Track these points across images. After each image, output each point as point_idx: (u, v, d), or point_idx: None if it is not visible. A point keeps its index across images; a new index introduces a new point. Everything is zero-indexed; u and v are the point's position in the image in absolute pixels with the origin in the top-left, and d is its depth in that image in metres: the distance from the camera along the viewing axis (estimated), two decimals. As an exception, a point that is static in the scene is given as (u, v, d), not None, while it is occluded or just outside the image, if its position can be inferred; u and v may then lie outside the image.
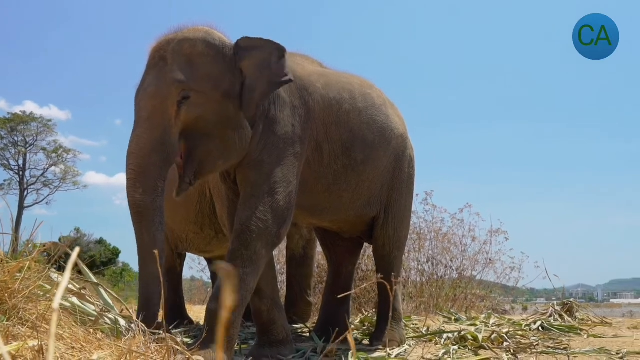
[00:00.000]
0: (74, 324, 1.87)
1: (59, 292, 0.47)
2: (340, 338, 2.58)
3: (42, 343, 1.23)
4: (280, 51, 2.66)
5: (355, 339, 3.51)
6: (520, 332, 3.51)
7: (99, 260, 20.41)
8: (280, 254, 5.95)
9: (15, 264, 1.99)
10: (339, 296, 2.72)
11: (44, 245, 2.33)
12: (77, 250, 0.62)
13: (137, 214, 2.42)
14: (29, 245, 2.30)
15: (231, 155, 2.63)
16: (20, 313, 1.80)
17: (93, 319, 2.15)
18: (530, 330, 3.66)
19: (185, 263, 4.58)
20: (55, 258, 2.33)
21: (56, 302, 0.49)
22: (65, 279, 0.50)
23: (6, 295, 1.85)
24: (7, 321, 1.78)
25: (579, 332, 3.65)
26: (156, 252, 2.04)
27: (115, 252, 23.05)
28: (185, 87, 2.47)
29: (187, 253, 4.49)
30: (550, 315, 4.13)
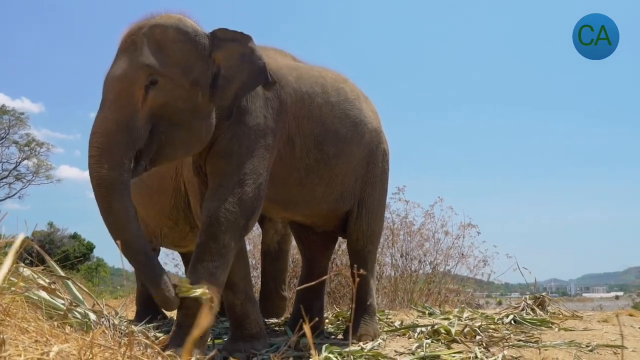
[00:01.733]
0: (40, 317, 1.84)
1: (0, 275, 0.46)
2: (301, 332, 2.58)
3: (4, 336, 1.21)
4: (256, 49, 2.66)
5: (330, 333, 3.51)
6: (492, 326, 3.53)
7: (73, 255, 20.06)
8: (255, 248, 5.93)
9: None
10: (310, 284, 2.71)
11: (12, 238, 2.29)
12: (21, 235, 0.60)
13: (102, 188, 2.31)
14: None
15: (194, 147, 2.61)
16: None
17: (62, 313, 2.12)
18: (502, 323, 3.69)
19: (159, 258, 4.53)
20: (21, 251, 2.28)
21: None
22: (7, 263, 0.48)
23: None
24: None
25: (550, 325, 3.69)
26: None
27: (90, 247, 22.68)
28: (153, 71, 2.43)
29: (161, 248, 4.45)
30: (523, 309, 4.15)
